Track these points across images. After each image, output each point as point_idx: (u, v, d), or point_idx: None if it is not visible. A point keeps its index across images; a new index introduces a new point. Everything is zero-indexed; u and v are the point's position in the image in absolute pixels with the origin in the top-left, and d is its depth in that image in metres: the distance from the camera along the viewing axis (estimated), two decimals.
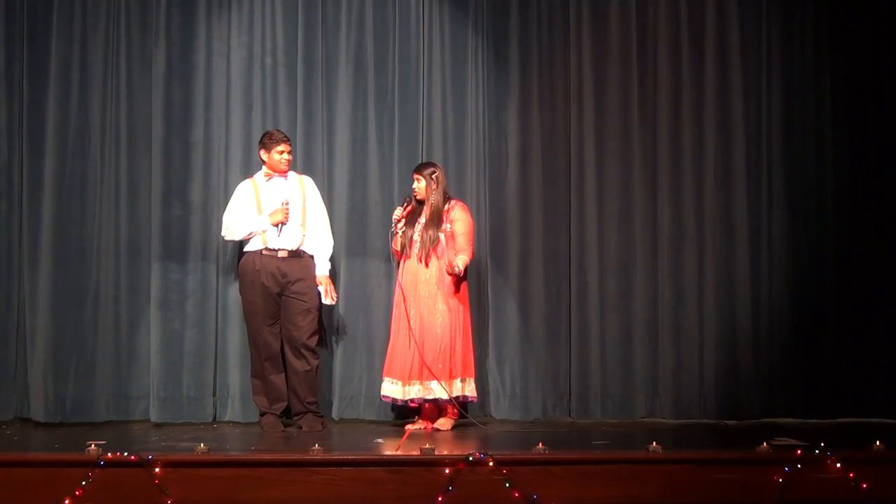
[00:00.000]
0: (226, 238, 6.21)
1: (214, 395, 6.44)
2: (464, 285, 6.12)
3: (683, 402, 6.57)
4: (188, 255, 6.46)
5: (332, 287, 6.14)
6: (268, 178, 6.14)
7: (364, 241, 6.55)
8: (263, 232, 6.04)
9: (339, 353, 6.49)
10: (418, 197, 6.14)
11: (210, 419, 6.41)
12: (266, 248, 6.04)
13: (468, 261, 6.05)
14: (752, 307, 6.62)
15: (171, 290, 6.44)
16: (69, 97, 6.48)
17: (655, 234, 6.66)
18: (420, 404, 6.05)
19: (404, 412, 6.30)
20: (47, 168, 6.43)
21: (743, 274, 6.63)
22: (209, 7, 6.58)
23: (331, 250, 6.20)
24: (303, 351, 6.02)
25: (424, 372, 5.95)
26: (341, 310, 6.50)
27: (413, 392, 5.97)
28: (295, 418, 6.12)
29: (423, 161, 6.36)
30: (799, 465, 4.62)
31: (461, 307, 6.09)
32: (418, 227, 6.09)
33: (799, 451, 4.71)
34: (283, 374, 6.10)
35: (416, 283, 6.03)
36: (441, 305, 6.00)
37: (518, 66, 6.66)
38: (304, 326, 6.02)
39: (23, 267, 6.44)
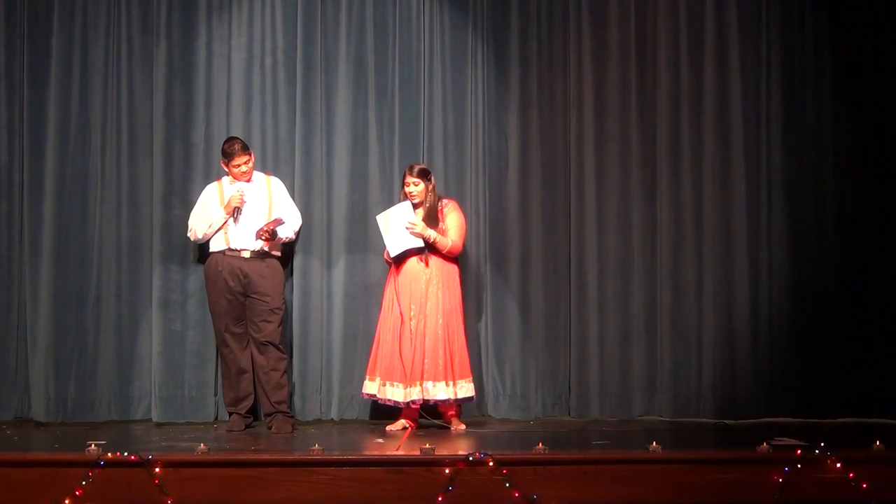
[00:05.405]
0: (191, 239, 6.24)
1: (216, 394, 6.44)
2: (458, 285, 6.11)
3: (683, 402, 6.57)
4: (189, 255, 6.46)
5: (269, 230, 5.99)
6: (232, 181, 6.15)
7: (364, 241, 6.55)
8: (224, 225, 6.03)
9: (339, 353, 6.49)
10: (415, 200, 6.11)
11: (211, 419, 6.42)
12: (229, 249, 6.05)
13: (448, 243, 5.99)
14: (751, 307, 6.62)
15: (173, 291, 6.45)
16: (70, 97, 6.48)
17: (655, 234, 6.66)
18: (400, 405, 6.01)
19: (382, 413, 6.26)
20: (48, 168, 6.44)
21: (742, 274, 6.62)
22: (209, 7, 6.58)
23: (296, 226, 6.24)
24: (268, 350, 6.00)
25: (425, 374, 5.95)
26: (342, 310, 6.51)
27: (415, 394, 5.95)
28: (266, 419, 6.10)
29: (415, 164, 6.27)
30: (799, 465, 4.61)
31: (458, 308, 6.10)
32: None
33: (799, 451, 4.70)
34: (250, 374, 6.10)
35: (416, 284, 6.03)
36: (441, 306, 6.00)
37: (518, 66, 6.66)
38: (267, 327, 6.01)
39: (23, 267, 6.45)
